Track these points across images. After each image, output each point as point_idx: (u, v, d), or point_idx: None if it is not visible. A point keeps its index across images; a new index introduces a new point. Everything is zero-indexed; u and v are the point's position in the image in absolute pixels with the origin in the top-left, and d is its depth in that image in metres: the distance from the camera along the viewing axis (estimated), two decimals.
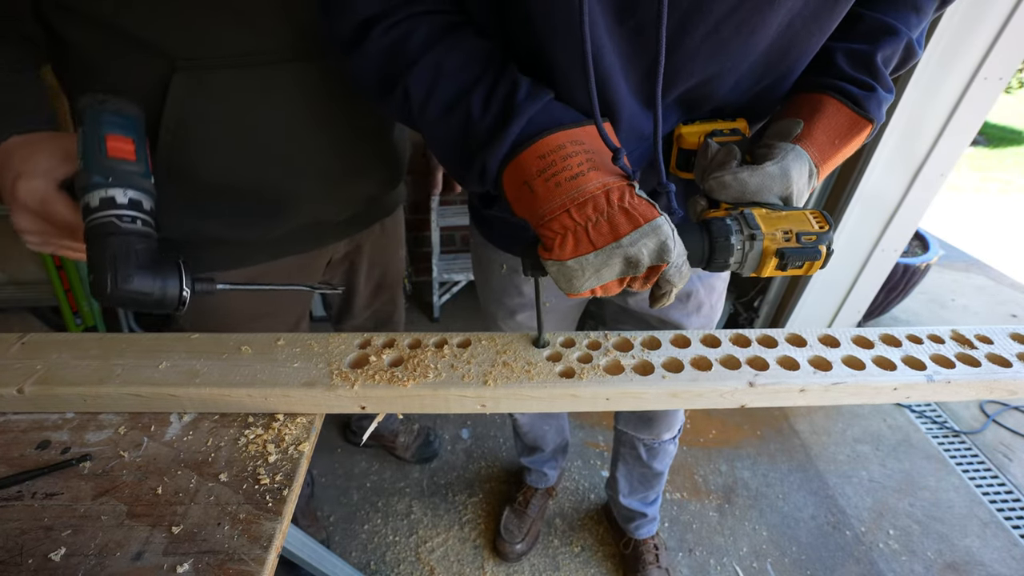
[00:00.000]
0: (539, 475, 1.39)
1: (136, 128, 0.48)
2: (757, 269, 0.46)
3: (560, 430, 1.31)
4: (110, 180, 0.46)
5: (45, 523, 0.44)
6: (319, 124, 0.71)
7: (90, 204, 0.46)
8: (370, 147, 0.81)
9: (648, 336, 0.58)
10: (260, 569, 0.41)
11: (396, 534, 1.40)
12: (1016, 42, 1.25)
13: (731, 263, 0.45)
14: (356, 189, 0.84)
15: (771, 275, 0.47)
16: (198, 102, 0.63)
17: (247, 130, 0.67)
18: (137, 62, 0.61)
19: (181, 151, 0.65)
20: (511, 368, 0.53)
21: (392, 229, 1.04)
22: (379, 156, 0.85)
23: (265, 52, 0.64)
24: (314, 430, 0.53)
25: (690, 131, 0.54)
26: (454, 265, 2.18)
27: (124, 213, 0.46)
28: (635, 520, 1.28)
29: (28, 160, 0.54)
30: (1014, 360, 0.55)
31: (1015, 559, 1.35)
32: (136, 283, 0.45)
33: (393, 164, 0.89)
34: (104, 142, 0.46)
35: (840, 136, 0.52)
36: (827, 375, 0.52)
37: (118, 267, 0.44)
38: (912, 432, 1.72)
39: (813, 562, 1.34)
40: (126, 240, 0.45)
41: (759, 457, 1.63)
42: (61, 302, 1.87)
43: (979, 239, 3.09)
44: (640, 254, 0.42)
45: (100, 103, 0.46)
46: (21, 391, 0.53)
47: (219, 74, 0.63)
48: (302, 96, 0.68)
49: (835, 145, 0.52)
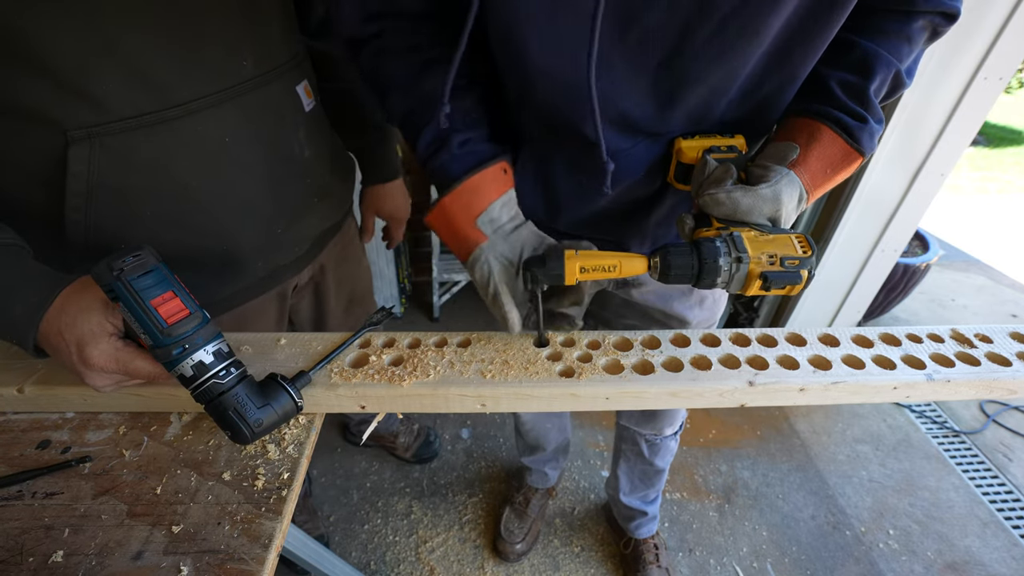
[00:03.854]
0: (540, 475, 1.39)
1: (166, 277, 0.47)
2: (742, 288, 0.48)
3: (562, 429, 1.31)
4: (187, 347, 0.46)
5: (45, 522, 0.44)
6: (245, 171, 0.65)
7: (185, 375, 0.46)
8: (307, 184, 0.75)
9: (648, 336, 0.58)
10: (260, 568, 0.41)
11: (396, 534, 1.40)
12: (1016, 42, 1.25)
13: (718, 283, 0.48)
14: (301, 229, 0.77)
15: (754, 294, 0.49)
16: (104, 172, 0.55)
17: (167, 194, 0.59)
18: (28, 135, 0.53)
19: (98, 231, 0.58)
20: (511, 367, 0.53)
21: (350, 241, 0.97)
22: (317, 191, 0.78)
23: (175, 105, 0.56)
24: (314, 430, 0.53)
25: (689, 145, 0.56)
26: (454, 265, 2.18)
27: (218, 370, 0.47)
28: (635, 519, 1.28)
29: (77, 324, 0.48)
30: (1014, 359, 0.55)
31: (1015, 559, 1.35)
32: (265, 422, 0.48)
33: (332, 196, 0.83)
34: (155, 312, 0.45)
35: (832, 166, 0.55)
36: (827, 374, 0.52)
37: (245, 418, 0.47)
38: (912, 432, 1.72)
39: (813, 562, 1.34)
40: (235, 394, 0.47)
41: (759, 457, 1.63)
42: None
43: (979, 239, 3.09)
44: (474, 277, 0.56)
45: (118, 274, 0.44)
46: (21, 391, 0.53)
47: (125, 137, 0.55)
48: (218, 145, 0.61)
49: (827, 174, 0.55)
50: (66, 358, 0.49)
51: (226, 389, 0.47)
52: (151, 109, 0.55)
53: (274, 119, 0.67)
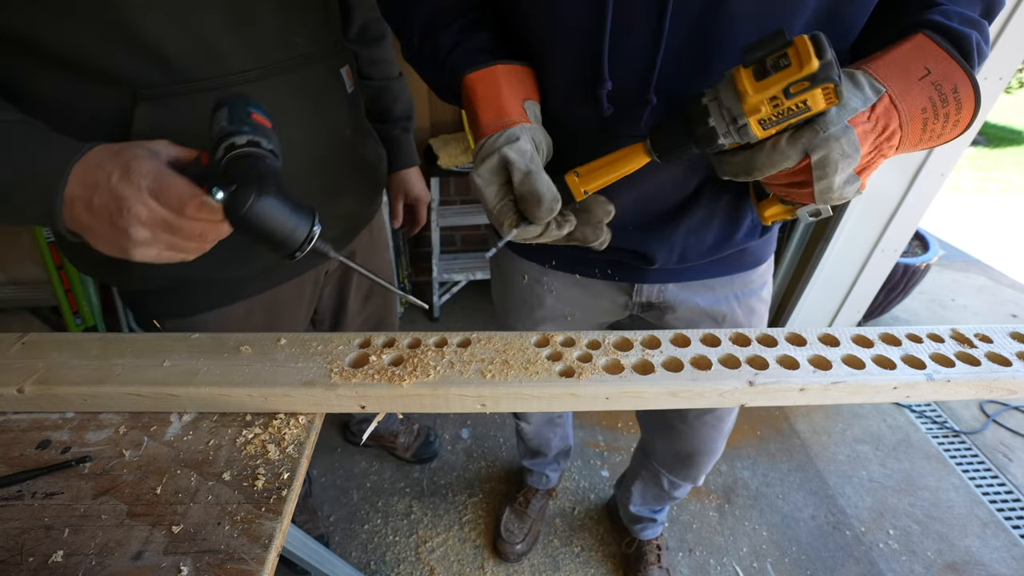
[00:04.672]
0: (541, 477, 1.38)
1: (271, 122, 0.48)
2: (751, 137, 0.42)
3: (564, 437, 1.31)
4: (256, 132, 0.45)
5: (45, 522, 0.44)
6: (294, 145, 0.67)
7: (236, 143, 0.44)
8: (347, 162, 0.80)
9: (648, 335, 0.58)
10: (260, 569, 0.41)
11: (396, 534, 1.40)
12: (1016, 42, 1.25)
13: (719, 135, 0.43)
14: (339, 207, 0.81)
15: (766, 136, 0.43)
16: (165, 133, 0.57)
17: None
18: (94, 95, 0.57)
19: None
20: (511, 367, 0.53)
21: (378, 232, 1.03)
22: (356, 170, 0.83)
23: (235, 72, 0.61)
24: (314, 430, 0.53)
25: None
26: (454, 265, 2.18)
27: (270, 153, 0.45)
28: (642, 523, 1.28)
29: (125, 152, 0.47)
30: (1014, 359, 0.55)
31: (1015, 559, 1.35)
32: (273, 208, 0.43)
33: (370, 173, 0.88)
34: (249, 114, 0.46)
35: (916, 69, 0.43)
36: (827, 374, 0.52)
37: (262, 188, 0.43)
38: (912, 432, 1.72)
39: (813, 562, 1.34)
40: (272, 171, 0.45)
41: (759, 457, 1.63)
42: (61, 302, 1.87)
43: (979, 239, 3.09)
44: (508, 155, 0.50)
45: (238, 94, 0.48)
46: (21, 391, 0.53)
47: (187, 100, 0.59)
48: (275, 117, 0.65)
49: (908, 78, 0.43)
50: (104, 195, 0.45)
51: (265, 161, 0.45)
52: (212, 75, 0.60)
53: (319, 95, 0.72)
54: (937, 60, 0.43)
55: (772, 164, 0.44)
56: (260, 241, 0.45)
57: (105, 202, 0.46)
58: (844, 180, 0.44)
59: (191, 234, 0.48)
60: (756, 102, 0.40)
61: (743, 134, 0.43)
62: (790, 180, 0.46)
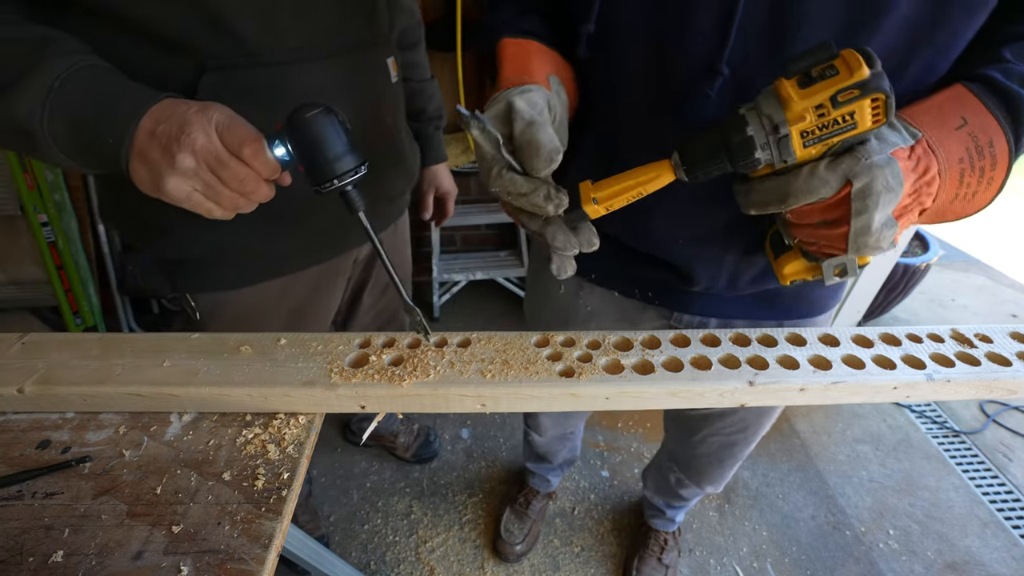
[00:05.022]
0: (542, 480, 1.38)
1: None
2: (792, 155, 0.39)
3: (572, 449, 1.31)
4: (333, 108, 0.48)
5: (45, 522, 0.44)
6: None
7: (309, 103, 0.48)
8: (387, 145, 0.83)
9: (648, 336, 0.58)
10: (260, 569, 0.41)
11: (396, 534, 1.40)
12: None
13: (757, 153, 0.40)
14: (377, 187, 0.84)
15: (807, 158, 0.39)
16: (226, 103, 0.61)
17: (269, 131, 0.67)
18: (160, 60, 0.60)
19: None
20: (511, 367, 0.53)
21: (403, 228, 1.07)
22: (395, 154, 0.86)
23: (292, 50, 0.64)
24: (314, 430, 0.53)
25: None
26: (454, 265, 2.18)
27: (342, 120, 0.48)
28: (652, 511, 1.30)
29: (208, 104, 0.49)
30: (1014, 359, 0.55)
31: (1015, 559, 1.35)
32: (334, 129, 0.47)
33: (406, 163, 0.91)
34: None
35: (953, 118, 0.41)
36: (827, 374, 0.52)
37: (331, 110, 0.47)
38: (912, 432, 1.72)
39: (813, 562, 1.34)
40: (342, 116, 0.48)
41: (759, 457, 1.63)
42: (61, 302, 1.87)
43: (979, 239, 3.09)
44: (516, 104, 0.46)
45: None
46: (21, 391, 0.53)
47: (248, 73, 0.62)
48: (319, 92, 0.68)
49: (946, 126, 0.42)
50: (172, 123, 0.47)
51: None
52: (272, 51, 0.63)
53: (367, 80, 0.76)
54: (975, 111, 0.42)
55: (809, 191, 0.40)
56: (308, 153, 0.47)
57: (169, 128, 0.47)
58: (883, 221, 0.40)
59: (234, 177, 0.48)
60: (801, 109, 0.37)
61: (782, 148, 0.40)
62: (823, 217, 0.42)
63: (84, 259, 1.91)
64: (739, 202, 0.47)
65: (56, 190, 1.77)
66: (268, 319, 0.83)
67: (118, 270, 1.95)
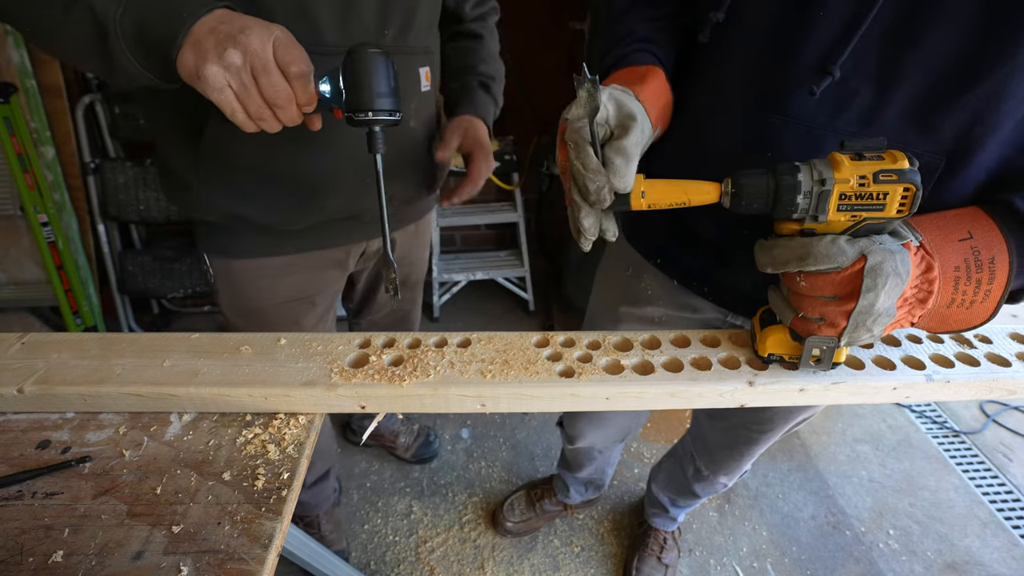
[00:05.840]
0: (561, 485, 1.37)
1: None
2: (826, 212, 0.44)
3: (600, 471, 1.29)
4: None
5: (45, 523, 0.44)
6: None
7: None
8: (405, 151, 0.84)
9: (648, 336, 0.58)
10: (260, 569, 0.41)
11: (396, 534, 1.40)
12: None
13: (799, 201, 0.44)
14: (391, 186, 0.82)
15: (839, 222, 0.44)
16: None
17: None
18: None
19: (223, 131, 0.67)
20: (511, 367, 0.53)
21: (424, 231, 1.06)
22: (415, 160, 0.87)
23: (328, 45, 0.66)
24: (314, 430, 0.53)
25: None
26: (454, 265, 2.18)
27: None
28: (655, 508, 1.29)
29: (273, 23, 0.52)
30: (1013, 359, 0.55)
31: (1015, 559, 1.35)
32: (384, 72, 0.54)
33: (427, 169, 0.91)
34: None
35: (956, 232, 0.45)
36: (827, 374, 0.52)
37: (389, 57, 0.53)
38: (912, 432, 1.72)
39: (813, 562, 1.34)
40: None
41: (759, 457, 1.63)
42: (61, 302, 1.87)
43: None
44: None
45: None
46: (21, 391, 0.53)
47: None
48: None
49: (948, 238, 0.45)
50: (233, 25, 0.49)
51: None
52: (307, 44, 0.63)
53: None
54: (984, 228, 0.45)
55: (828, 256, 0.43)
56: (357, 79, 0.53)
57: (231, 28, 0.49)
58: (886, 305, 0.44)
59: (271, 86, 0.50)
60: (848, 173, 0.42)
61: (820, 202, 0.44)
62: (835, 292, 0.45)
63: (84, 259, 1.91)
64: (759, 259, 0.49)
65: (56, 190, 1.77)
66: (268, 292, 0.87)
67: (118, 270, 1.96)
